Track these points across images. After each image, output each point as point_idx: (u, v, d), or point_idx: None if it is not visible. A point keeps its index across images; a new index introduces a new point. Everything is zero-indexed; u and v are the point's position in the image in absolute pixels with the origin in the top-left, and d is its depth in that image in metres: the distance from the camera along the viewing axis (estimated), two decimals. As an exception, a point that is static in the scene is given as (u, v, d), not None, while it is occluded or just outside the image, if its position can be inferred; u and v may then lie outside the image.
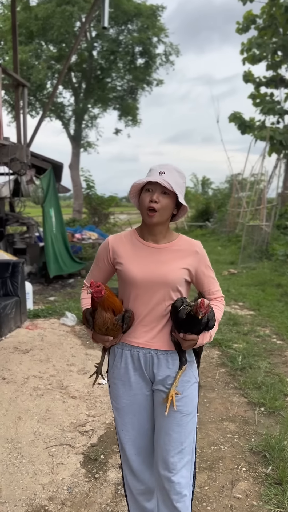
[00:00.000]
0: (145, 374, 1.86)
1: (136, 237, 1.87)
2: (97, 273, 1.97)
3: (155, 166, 1.81)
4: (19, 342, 5.04)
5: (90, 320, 1.79)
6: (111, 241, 1.89)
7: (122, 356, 1.89)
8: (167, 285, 1.77)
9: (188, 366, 1.84)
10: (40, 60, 19.94)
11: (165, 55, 20.73)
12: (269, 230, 11.57)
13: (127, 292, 1.84)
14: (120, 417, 1.94)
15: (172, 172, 1.77)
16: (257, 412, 3.53)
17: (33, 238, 9.34)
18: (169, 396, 1.79)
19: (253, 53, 18.06)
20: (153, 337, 1.83)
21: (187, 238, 1.89)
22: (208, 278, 1.88)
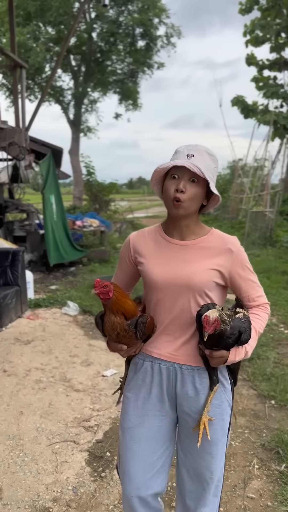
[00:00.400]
0: (165, 391, 1.61)
1: (160, 233, 1.63)
2: (121, 275, 1.76)
3: (182, 147, 1.54)
4: (20, 333, 4.91)
5: (99, 323, 1.60)
6: (133, 239, 1.68)
7: (142, 368, 1.66)
8: (192, 289, 1.52)
9: (219, 386, 1.58)
10: (38, 42, 19.47)
11: (167, 36, 20.22)
12: (273, 217, 11.37)
13: (149, 296, 1.63)
14: (124, 439, 1.66)
15: (203, 154, 1.50)
16: (268, 405, 3.41)
17: (33, 225, 9.16)
18: (201, 423, 1.53)
19: (256, 35, 17.62)
20: (177, 348, 1.58)
21: (220, 234, 1.60)
22: (246, 281, 1.58)
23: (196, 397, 1.57)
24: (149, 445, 1.62)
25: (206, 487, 1.63)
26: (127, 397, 1.68)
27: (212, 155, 1.53)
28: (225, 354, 1.47)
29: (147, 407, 1.62)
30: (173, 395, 1.60)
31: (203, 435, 1.54)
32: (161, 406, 1.62)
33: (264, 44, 17.78)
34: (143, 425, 1.62)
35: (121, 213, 16.88)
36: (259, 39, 17.62)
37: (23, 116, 7.50)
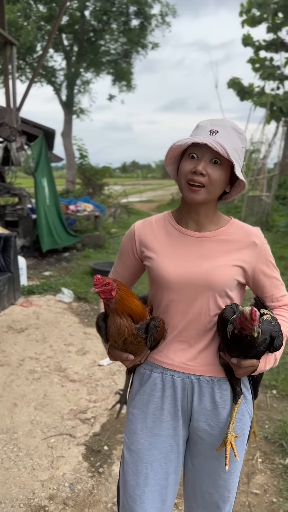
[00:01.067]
0: (179, 406, 1.38)
1: (172, 223, 1.40)
2: (121, 270, 1.52)
3: (205, 121, 1.31)
4: (13, 321, 4.77)
5: (102, 326, 1.35)
6: (138, 229, 1.44)
7: (149, 380, 1.41)
8: (212, 289, 1.31)
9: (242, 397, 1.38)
10: (29, 20, 18.87)
11: (161, 15, 19.73)
12: (269, 201, 11.24)
13: (158, 296, 1.39)
14: (132, 463, 1.42)
15: (229, 131, 1.27)
16: (269, 395, 3.32)
17: (25, 210, 8.94)
18: (228, 443, 1.32)
19: (253, 14, 17.22)
20: (194, 357, 1.36)
21: (241, 224, 1.39)
22: (270, 279, 1.39)
23: (215, 412, 1.36)
24: (161, 468, 1.41)
25: (223, 506, 1.44)
26: (132, 414, 1.44)
27: (240, 133, 1.30)
28: (256, 363, 1.26)
29: (159, 426, 1.40)
30: (188, 410, 1.39)
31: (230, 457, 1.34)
32: (175, 423, 1.40)
33: (260, 24, 17.40)
34: (155, 446, 1.40)
35: (115, 198, 16.67)
36: (255, 19, 17.22)
37: (14, 96, 7.24)
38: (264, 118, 14.53)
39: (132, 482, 1.41)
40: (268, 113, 14.99)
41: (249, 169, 14.96)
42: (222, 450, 1.35)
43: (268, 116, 15.41)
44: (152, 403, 1.40)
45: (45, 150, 8.41)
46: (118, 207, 15.13)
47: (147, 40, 20.50)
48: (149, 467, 1.40)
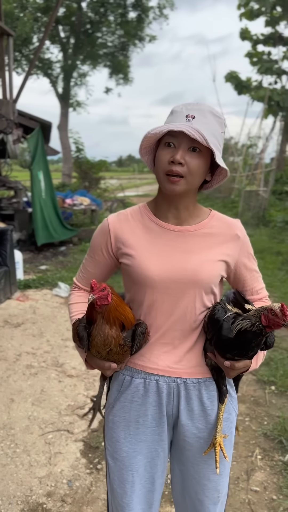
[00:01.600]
0: (164, 412, 1.30)
1: (149, 216, 1.30)
2: (93, 269, 1.39)
3: (180, 106, 1.22)
4: (10, 315, 4.73)
5: (84, 337, 1.20)
6: (113, 223, 1.31)
7: (130, 386, 1.31)
8: (199, 286, 1.24)
9: (228, 396, 1.33)
10: (26, 11, 18.65)
11: (159, 8, 19.55)
12: (267, 196, 11.21)
13: (139, 296, 1.28)
14: (117, 471, 1.35)
15: (207, 115, 1.18)
16: (268, 391, 3.30)
17: (21, 203, 8.86)
18: (216, 445, 1.26)
19: (251, 8, 17.11)
20: (179, 360, 1.28)
21: (222, 216, 1.33)
22: (251, 272, 1.35)
23: (204, 414, 1.30)
24: (147, 472, 1.35)
25: (213, 509, 1.37)
26: (113, 422, 1.34)
27: (219, 117, 1.21)
28: (249, 363, 1.20)
29: (144, 433, 1.32)
30: (173, 415, 1.32)
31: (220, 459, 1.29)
32: (160, 429, 1.32)
33: (259, 17, 17.28)
34: (140, 453, 1.33)
35: (112, 192, 16.59)
36: (254, 12, 17.11)
37: (10, 88, 7.13)
38: (262, 112, 14.48)
39: (119, 490, 1.35)
40: (265, 107, 14.94)
41: (246, 163, 14.92)
42: (211, 453, 1.30)
43: (266, 110, 15.36)
44: (134, 410, 1.31)
45: (41, 143, 8.33)
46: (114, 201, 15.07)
47: (145, 33, 20.34)
48: (135, 474, 1.33)
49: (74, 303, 1.41)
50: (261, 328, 1.10)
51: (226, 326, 1.16)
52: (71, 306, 1.41)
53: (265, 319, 1.09)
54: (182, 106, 1.21)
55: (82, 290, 1.43)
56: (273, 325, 1.08)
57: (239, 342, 1.14)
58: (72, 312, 1.38)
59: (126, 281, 1.34)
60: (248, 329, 1.10)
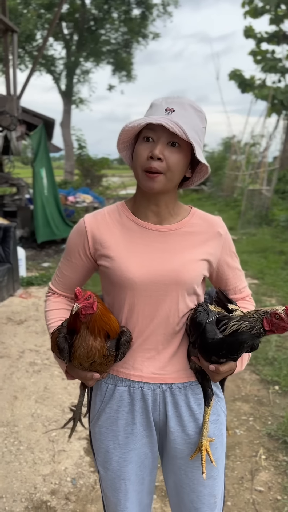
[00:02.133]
0: (151, 418, 1.26)
1: (128, 215, 1.25)
2: (69, 273, 1.31)
3: (160, 99, 1.16)
4: (13, 312, 4.72)
5: (65, 349, 1.13)
6: (90, 223, 1.24)
7: (114, 395, 1.26)
8: (181, 287, 1.19)
9: (214, 397, 1.29)
10: (29, 8, 18.61)
11: (163, 5, 19.49)
12: (270, 195, 11.18)
13: (120, 300, 1.22)
14: (110, 480, 1.31)
15: (187, 109, 1.13)
16: (271, 391, 3.29)
17: (23, 200, 8.85)
18: (203, 449, 1.22)
19: (255, 5, 17.03)
20: (163, 365, 1.24)
21: (203, 214, 1.29)
22: (233, 270, 1.30)
23: (193, 419, 1.26)
24: (137, 476, 1.32)
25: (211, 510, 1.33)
26: (100, 433, 1.30)
27: (200, 111, 1.16)
28: (234, 366, 1.16)
29: (133, 441, 1.28)
30: (160, 421, 1.28)
31: (207, 463, 1.25)
32: (149, 433, 1.29)
33: (263, 15, 17.20)
34: (131, 461, 1.29)
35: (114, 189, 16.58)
36: (258, 10, 17.02)
37: (14, 84, 7.12)
38: (265, 111, 14.43)
39: (113, 499, 1.33)
40: (269, 106, 14.88)
41: (249, 162, 14.88)
42: (198, 458, 1.26)
43: (269, 109, 15.29)
44: (121, 419, 1.27)
45: (44, 140, 8.32)
46: (117, 199, 15.06)
47: (148, 30, 20.28)
48: (128, 482, 1.30)
49: (50, 310, 1.33)
50: (261, 332, 1.06)
51: (210, 328, 1.12)
52: (48, 313, 1.33)
53: (268, 324, 1.05)
54: (161, 99, 1.16)
55: (58, 296, 1.36)
56: (276, 329, 1.05)
57: (231, 342, 1.09)
58: (48, 320, 1.31)
59: (105, 284, 1.27)
60: (246, 331, 1.06)
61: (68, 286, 1.33)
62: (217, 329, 1.12)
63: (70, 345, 1.13)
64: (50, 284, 1.39)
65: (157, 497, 2.25)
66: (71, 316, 1.10)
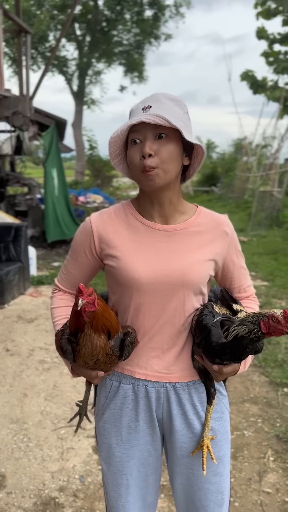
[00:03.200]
0: (154, 416, 1.28)
1: (134, 215, 1.25)
2: (75, 271, 1.32)
3: (136, 104, 1.18)
4: (23, 311, 4.77)
5: (69, 350, 1.14)
6: (96, 223, 1.25)
7: (118, 392, 1.28)
8: (187, 287, 1.19)
9: (217, 395, 1.30)
10: (42, 9, 18.76)
11: (175, 6, 19.50)
12: (281, 197, 11.12)
13: (126, 299, 1.23)
14: (111, 475, 1.33)
15: (164, 102, 1.13)
16: (280, 393, 3.28)
17: (34, 200, 8.94)
18: (204, 447, 1.24)
19: (268, 7, 16.95)
20: (168, 364, 1.25)
21: (209, 213, 1.28)
22: (239, 269, 1.30)
23: (197, 417, 1.27)
24: (140, 473, 1.33)
25: (219, 507, 1.34)
26: (104, 428, 1.32)
27: (176, 100, 1.16)
28: (237, 367, 1.17)
29: (136, 438, 1.29)
30: (163, 419, 1.29)
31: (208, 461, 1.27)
32: (152, 430, 1.30)
33: (276, 16, 17.12)
34: (133, 457, 1.31)
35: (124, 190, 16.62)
36: (271, 11, 16.94)
37: (27, 84, 7.19)
38: (277, 112, 14.36)
39: (114, 494, 1.34)
40: (281, 107, 14.80)
41: (261, 163, 14.82)
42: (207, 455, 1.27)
43: (281, 110, 15.21)
44: (125, 416, 1.28)
45: (56, 140, 8.38)
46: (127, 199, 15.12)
47: (160, 31, 20.30)
48: (129, 477, 1.32)
49: (57, 307, 1.35)
50: (260, 335, 1.05)
51: (215, 331, 1.12)
52: (54, 310, 1.35)
53: (265, 326, 1.04)
54: (138, 103, 1.17)
55: (64, 293, 1.37)
56: (273, 332, 1.04)
57: (233, 347, 1.09)
58: (55, 317, 1.33)
59: (111, 283, 1.28)
60: (245, 335, 1.06)
61: (74, 283, 1.33)
62: (222, 333, 1.12)
63: (73, 347, 1.14)
64: (56, 281, 1.40)
65: (164, 496, 2.26)
66: (74, 315, 1.10)
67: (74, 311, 1.08)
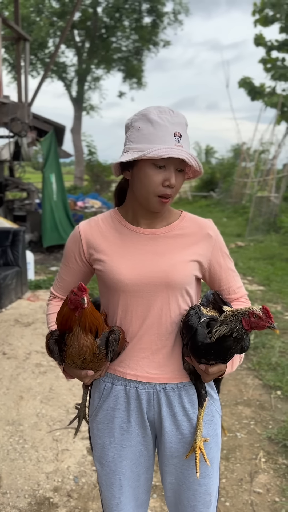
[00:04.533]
0: (145, 418, 1.31)
1: (120, 221, 1.31)
2: (68, 277, 1.38)
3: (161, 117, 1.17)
4: (20, 315, 4.81)
5: (55, 350, 1.20)
6: (84, 230, 1.31)
7: (111, 393, 1.32)
8: (172, 288, 1.24)
9: (208, 398, 1.33)
10: (42, 16, 18.93)
11: (174, 13, 19.68)
12: (278, 202, 11.20)
13: (114, 301, 1.29)
14: (105, 475, 1.37)
15: (185, 129, 1.21)
16: (273, 396, 3.32)
17: (33, 205, 9.00)
18: (197, 448, 1.27)
19: (266, 14, 17.12)
20: (157, 365, 1.28)
21: (193, 217, 1.34)
22: (226, 271, 1.34)
23: (187, 418, 1.31)
24: (132, 472, 1.37)
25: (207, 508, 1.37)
26: (97, 429, 1.36)
27: (186, 123, 1.23)
28: (223, 368, 1.20)
29: (128, 438, 1.33)
30: (154, 421, 1.33)
31: (201, 463, 1.29)
32: (144, 431, 1.34)
33: (273, 24, 17.29)
34: (126, 458, 1.35)
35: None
36: (268, 18, 17.12)
37: (26, 91, 7.27)
38: (275, 118, 14.48)
39: (108, 494, 1.38)
40: (278, 113, 14.94)
41: (258, 169, 14.91)
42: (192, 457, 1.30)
43: (279, 116, 15.35)
44: (117, 417, 1.32)
45: (54, 145, 8.45)
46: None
47: (159, 38, 20.48)
48: (122, 477, 1.35)
49: (52, 313, 1.39)
50: (243, 333, 1.08)
51: (201, 331, 1.15)
52: (49, 316, 1.39)
53: (247, 323, 1.07)
54: (164, 118, 1.17)
55: (59, 300, 1.42)
56: (256, 327, 1.07)
57: (218, 348, 1.12)
58: (49, 322, 1.37)
59: (101, 287, 1.34)
60: (227, 334, 1.08)
61: (68, 290, 1.36)
62: (207, 333, 1.15)
63: (59, 344, 1.19)
64: (51, 289, 1.46)
65: (157, 496, 2.30)
66: (61, 316, 1.16)
67: (68, 309, 1.13)
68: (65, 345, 1.17)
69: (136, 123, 1.20)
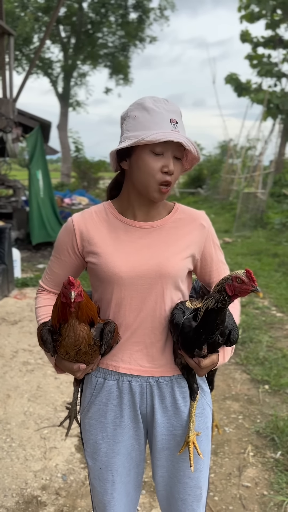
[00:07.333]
0: (138, 411, 1.31)
1: (114, 214, 1.30)
2: (59, 270, 1.35)
3: (157, 105, 1.18)
4: (7, 313, 4.76)
5: (49, 340, 1.18)
6: (78, 222, 1.29)
7: (103, 388, 1.31)
8: (166, 280, 1.24)
9: (199, 391, 1.33)
10: (27, 11, 18.70)
11: (160, 9, 19.62)
12: (265, 198, 11.26)
13: (107, 295, 1.27)
14: (97, 471, 1.36)
15: (180, 117, 1.21)
16: (261, 390, 3.34)
17: (19, 202, 8.89)
18: (190, 442, 1.27)
19: (252, 10, 17.18)
20: (151, 359, 1.28)
21: (186, 209, 1.34)
22: (217, 263, 1.33)
23: (177, 411, 1.31)
24: (124, 468, 1.37)
25: (196, 506, 1.38)
26: (89, 424, 1.34)
27: (180, 112, 1.23)
28: (216, 359, 1.19)
29: (121, 433, 1.32)
30: (147, 414, 1.32)
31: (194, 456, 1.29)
32: (136, 425, 1.33)
33: (259, 20, 17.36)
34: (119, 453, 1.34)
35: (110, 192, 16.64)
36: (254, 15, 17.19)
37: (10, 87, 7.18)
38: (261, 115, 14.55)
39: (100, 489, 1.37)
40: (265, 110, 15.01)
41: (245, 165, 14.98)
42: (187, 451, 1.29)
43: (265, 113, 15.43)
44: (110, 412, 1.31)
45: (40, 142, 8.36)
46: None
47: (145, 34, 20.40)
48: (115, 473, 1.34)
49: (41, 306, 1.37)
50: (226, 300, 1.07)
51: (187, 323, 1.16)
52: (38, 309, 1.37)
53: (230, 289, 1.06)
54: (159, 106, 1.17)
55: (48, 293, 1.40)
56: (239, 293, 1.06)
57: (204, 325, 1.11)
58: (39, 315, 1.35)
59: (93, 280, 1.32)
60: (212, 306, 1.07)
61: (58, 283, 1.35)
62: (194, 322, 1.15)
63: (53, 338, 1.17)
64: (40, 281, 1.43)
65: (146, 492, 2.29)
66: (60, 307, 1.12)
67: (61, 302, 1.11)
68: (59, 335, 1.14)
69: (132, 113, 1.20)
